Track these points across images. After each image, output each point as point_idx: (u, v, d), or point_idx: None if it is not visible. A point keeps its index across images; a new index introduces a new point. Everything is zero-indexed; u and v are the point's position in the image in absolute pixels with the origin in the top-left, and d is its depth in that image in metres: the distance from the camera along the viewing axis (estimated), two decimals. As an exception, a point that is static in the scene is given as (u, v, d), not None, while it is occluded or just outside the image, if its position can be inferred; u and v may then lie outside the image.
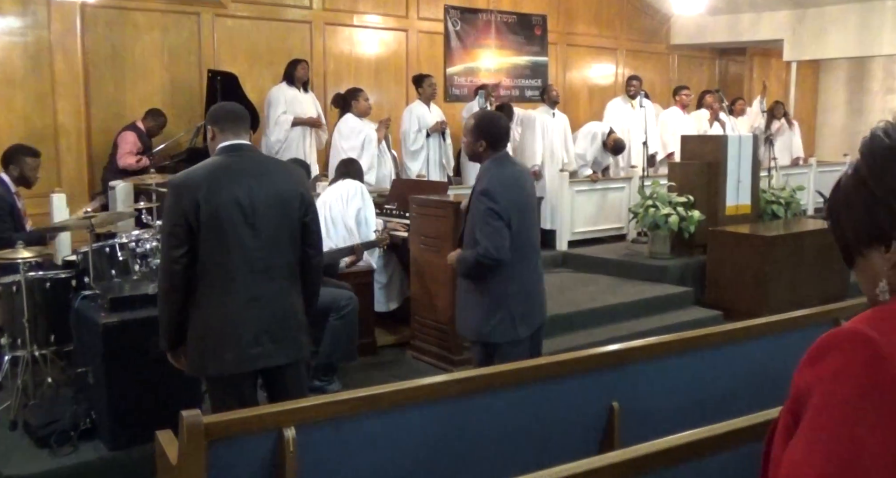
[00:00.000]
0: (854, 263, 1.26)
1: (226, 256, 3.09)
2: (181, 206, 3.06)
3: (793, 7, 11.46)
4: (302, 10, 9.13)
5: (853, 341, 1.13)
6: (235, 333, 3.11)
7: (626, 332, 6.10)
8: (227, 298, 3.11)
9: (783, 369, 1.15)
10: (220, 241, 3.08)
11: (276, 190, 3.19)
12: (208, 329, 3.13)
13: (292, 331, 3.24)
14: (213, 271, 3.10)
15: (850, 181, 1.25)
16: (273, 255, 3.17)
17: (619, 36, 12.20)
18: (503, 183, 3.74)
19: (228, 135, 3.26)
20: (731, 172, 7.75)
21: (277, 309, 3.19)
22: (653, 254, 7.80)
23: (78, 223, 4.72)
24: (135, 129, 7.51)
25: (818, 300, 4.99)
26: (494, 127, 3.87)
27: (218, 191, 3.08)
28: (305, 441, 2.38)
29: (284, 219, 3.21)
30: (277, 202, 3.18)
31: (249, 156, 3.27)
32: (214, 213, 3.06)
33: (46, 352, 4.50)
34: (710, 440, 2.15)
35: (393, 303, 6.27)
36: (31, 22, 7.44)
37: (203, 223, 3.05)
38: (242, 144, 3.26)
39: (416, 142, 8.45)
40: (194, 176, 3.14)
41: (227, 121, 3.29)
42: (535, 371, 2.85)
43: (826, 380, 1.11)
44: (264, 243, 3.14)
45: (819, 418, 1.10)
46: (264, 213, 3.14)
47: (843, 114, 14.35)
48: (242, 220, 3.10)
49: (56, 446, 3.87)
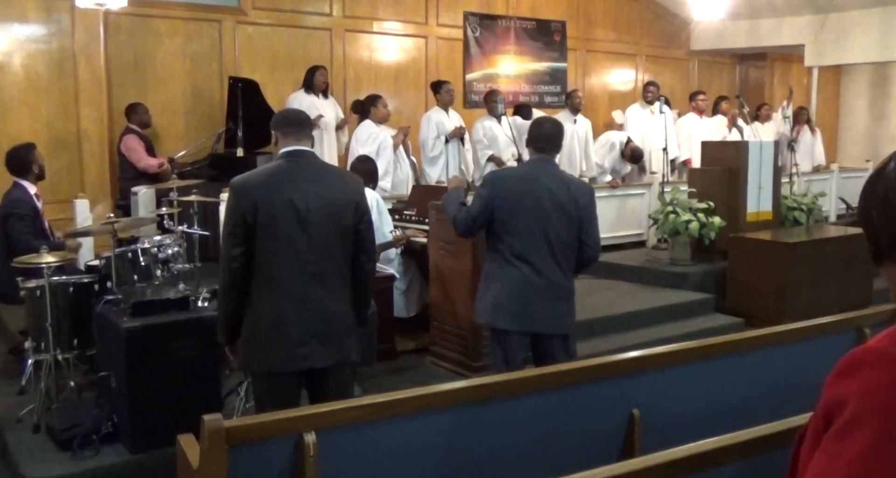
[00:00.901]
0: (882, 264, 1.23)
1: (278, 257, 3.19)
2: (240, 207, 3.18)
3: (814, 12, 11.39)
4: (322, 17, 9.19)
5: (879, 360, 1.12)
6: (283, 333, 3.20)
7: (646, 338, 6.07)
8: (278, 299, 3.20)
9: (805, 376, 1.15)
10: (273, 243, 3.18)
11: (331, 197, 3.28)
12: (258, 326, 3.22)
13: (339, 334, 3.31)
14: (265, 272, 3.21)
15: (892, 183, 1.20)
16: (324, 259, 3.25)
17: (639, 41, 12.17)
18: (506, 176, 4.13)
19: (290, 140, 3.36)
20: (752, 178, 7.69)
21: (326, 312, 3.26)
22: (673, 260, 7.76)
23: (101, 229, 4.77)
24: (132, 131, 7.56)
25: (840, 308, 4.95)
26: (534, 127, 4.18)
27: (275, 194, 3.18)
28: (325, 446, 2.39)
29: (337, 225, 3.29)
30: (331, 209, 3.27)
31: (308, 162, 3.36)
32: (270, 215, 3.16)
33: (69, 356, 4.53)
34: (731, 448, 2.14)
35: (412, 309, 6.28)
36: (55, 30, 7.54)
37: (259, 224, 3.16)
38: (303, 150, 3.36)
39: (435, 148, 8.46)
40: (254, 178, 3.26)
41: (290, 126, 3.40)
42: (556, 378, 2.84)
43: (854, 396, 1.10)
44: (316, 248, 3.23)
45: (840, 437, 1.10)
46: (317, 218, 3.23)
47: (865, 119, 14.22)
48: (296, 223, 3.19)
49: (78, 450, 3.90)
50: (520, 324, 3.97)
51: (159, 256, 4.70)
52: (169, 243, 4.80)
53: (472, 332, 5.33)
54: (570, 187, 4.03)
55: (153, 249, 4.68)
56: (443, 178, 8.42)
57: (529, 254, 3.92)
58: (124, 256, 4.58)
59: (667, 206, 7.59)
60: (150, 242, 4.74)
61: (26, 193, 5.32)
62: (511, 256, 3.95)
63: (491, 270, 4.03)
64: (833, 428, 1.11)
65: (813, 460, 1.13)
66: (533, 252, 3.92)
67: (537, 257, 3.93)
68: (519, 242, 3.93)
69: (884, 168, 1.23)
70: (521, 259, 3.93)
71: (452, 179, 4.67)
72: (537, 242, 3.92)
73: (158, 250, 4.70)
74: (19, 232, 5.12)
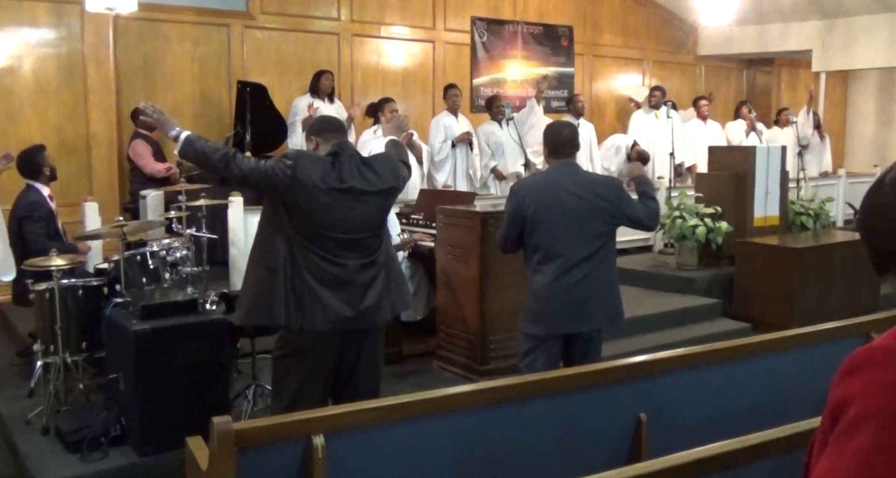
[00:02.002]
0: (886, 273, 1.24)
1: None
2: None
3: (821, 17, 11.38)
4: (330, 21, 9.22)
5: (882, 360, 1.13)
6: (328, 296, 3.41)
7: (653, 343, 6.06)
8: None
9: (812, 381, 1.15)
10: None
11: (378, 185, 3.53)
12: (303, 287, 3.39)
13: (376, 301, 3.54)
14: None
15: (892, 193, 1.21)
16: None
17: (646, 46, 12.18)
18: (532, 184, 4.05)
19: (332, 140, 3.56)
20: (760, 183, 7.69)
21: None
22: (680, 265, 7.76)
23: (110, 232, 4.79)
24: (140, 135, 7.58)
25: (847, 313, 4.93)
26: (551, 135, 4.13)
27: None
28: (334, 449, 2.40)
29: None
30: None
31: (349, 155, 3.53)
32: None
33: (78, 358, 4.55)
34: (738, 452, 2.15)
35: (419, 313, 6.28)
36: (65, 34, 7.58)
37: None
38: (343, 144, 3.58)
39: (442, 152, 8.48)
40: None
41: (328, 131, 3.60)
42: (563, 382, 2.85)
43: (859, 395, 1.11)
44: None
45: (847, 435, 1.10)
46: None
47: (873, 125, 14.19)
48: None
49: (87, 452, 3.91)
50: (548, 327, 3.98)
51: (168, 259, 4.72)
52: (177, 246, 4.82)
53: (479, 336, 5.33)
54: (596, 186, 4.03)
55: (162, 253, 4.70)
56: (450, 182, 8.44)
57: (558, 258, 3.91)
58: (133, 260, 4.61)
59: (674, 210, 7.59)
60: (158, 246, 4.76)
61: (40, 195, 5.35)
62: (540, 263, 3.94)
63: (529, 278, 4.03)
64: (839, 427, 1.12)
65: (821, 459, 1.14)
66: (562, 256, 3.91)
67: (566, 261, 3.93)
68: (548, 247, 3.91)
69: (882, 180, 1.24)
70: (551, 264, 3.92)
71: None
72: (566, 246, 3.91)
73: (167, 253, 4.73)
74: (35, 235, 5.15)
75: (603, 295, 4.04)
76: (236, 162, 3.37)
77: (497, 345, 5.33)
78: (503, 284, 5.24)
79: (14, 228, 5.27)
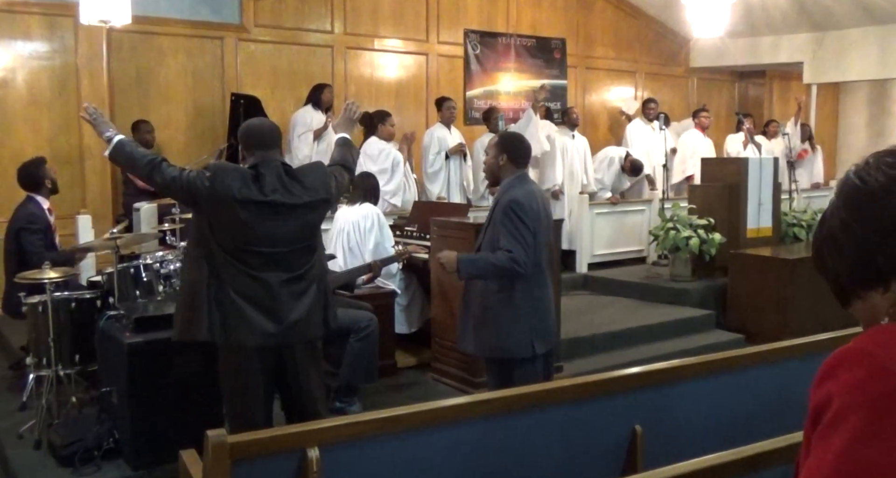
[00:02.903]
0: (850, 304, 1.25)
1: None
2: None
3: (812, 30, 11.46)
4: (324, 34, 9.25)
5: (858, 358, 1.15)
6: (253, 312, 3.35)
7: (646, 355, 6.07)
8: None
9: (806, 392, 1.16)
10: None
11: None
12: (228, 301, 3.35)
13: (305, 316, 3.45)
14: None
15: (834, 222, 1.23)
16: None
17: (639, 59, 12.23)
18: (528, 196, 3.83)
19: (258, 152, 3.46)
20: (753, 195, 7.73)
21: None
22: (673, 276, 7.78)
23: (103, 244, 4.79)
24: None
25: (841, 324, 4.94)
26: (516, 141, 4.00)
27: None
28: (329, 461, 2.40)
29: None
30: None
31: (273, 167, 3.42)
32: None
33: (71, 372, 4.54)
34: (733, 464, 2.15)
35: (413, 325, 6.28)
36: (58, 46, 7.59)
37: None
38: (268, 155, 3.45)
39: (435, 164, 8.50)
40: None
41: (255, 145, 3.50)
42: (557, 394, 2.85)
43: (837, 394, 1.13)
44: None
45: (828, 433, 1.12)
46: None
47: (865, 136, 14.26)
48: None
49: (80, 466, 3.90)
50: (549, 343, 3.95)
51: (161, 271, 4.72)
52: (171, 259, 4.82)
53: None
54: (546, 196, 4.07)
55: (155, 265, 4.70)
56: (443, 193, 8.45)
57: (547, 272, 3.93)
58: (126, 272, 4.60)
59: (667, 222, 7.61)
60: (152, 258, 4.76)
61: (39, 207, 5.37)
62: (539, 277, 3.86)
63: (518, 299, 3.83)
64: (820, 427, 1.14)
65: (806, 461, 1.16)
66: (548, 269, 3.94)
67: (549, 274, 3.95)
68: (542, 261, 3.87)
69: (824, 216, 1.28)
70: (544, 278, 3.91)
71: (445, 256, 4.03)
72: (547, 259, 3.94)
73: (160, 266, 4.73)
74: (35, 245, 5.16)
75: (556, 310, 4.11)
76: (160, 170, 3.36)
77: (491, 357, 5.32)
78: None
79: (10, 240, 5.26)
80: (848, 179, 1.23)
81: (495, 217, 3.85)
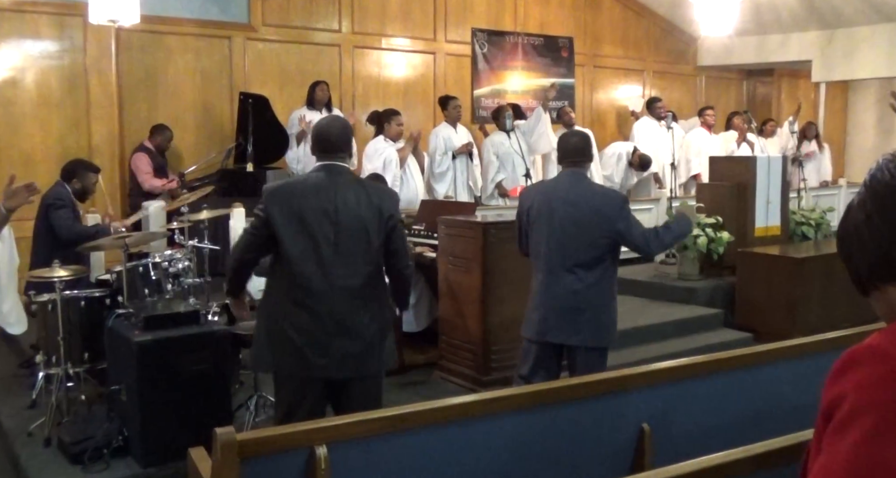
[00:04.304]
0: (869, 294, 1.24)
1: (302, 267, 3.28)
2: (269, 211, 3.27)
3: (821, 27, 11.42)
4: (331, 33, 9.26)
5: (873, 357, 1.14)
6: (301, 342, 3.24)
7: (654, 353, 6.05)
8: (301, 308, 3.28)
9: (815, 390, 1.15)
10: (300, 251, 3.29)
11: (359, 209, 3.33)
12: (276, 331, 3.29)
13: (362, 349, 3.34)
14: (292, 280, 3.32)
15: (860, 215, 1.21)
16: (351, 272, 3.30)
17: (646, 57, 12.21)
18: (535, 191, 4.29)
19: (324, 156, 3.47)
20: (761, 194, 7.70)
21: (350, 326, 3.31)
22: (681, 275, 7.76)
23: (112, 243, 4.80)
24: (144, 149, 7.60)
25: (850, 322, 4.93)
26: (560, 142, 4.35)
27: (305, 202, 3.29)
28: (337, 459, 2.40)
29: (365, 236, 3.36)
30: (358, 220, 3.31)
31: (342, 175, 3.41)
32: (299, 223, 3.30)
33: (80, 370, 4.55)
34: (741, 462, 2.15)
35: (421, 323, 6.28)
36: (67, 46, 7.62)
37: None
38: (335, 164, 3.42)
39: (442, 164, 8.48)
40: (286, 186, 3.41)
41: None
42: (565, 392, 2.85)
43: (849, 394, 1.12)
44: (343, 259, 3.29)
45: (841, 431, 1.11)
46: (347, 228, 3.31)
47: (873, 134, 14.21)
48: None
49: (89, 464, 3.91)
50: (537, 334, 4.07)
51: (170, 270, 4.74)
52: (179, 258, 4.83)
53: (481, 346, 5.34)
54: (595, 198, 4.04)
55: (164, 264, 4.72)
56: (450, 193, 8.44)
57: (545, 265, 4.02)
58: (135, 271, 4.62)
59: (675, 221, 7.58)
60: (160, 257, 4.77)
61: (66, 191, 5.46)
62: (534, 268, 4.14)
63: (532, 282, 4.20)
64: (831, 425, 1.13)
65: (817, 459, 1.15)
66: (548, 263, 3.99)
67: (552, 269, 3.97)
68: (536, 252, 4.09)
69: (851, 204, 1.26)
70: (540, 269, 4.08)
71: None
72: (554, 253, 3.98)
73: (169, 265, 4.74)
74: (63, 219, 5.28)
75: (593, 309, 4.01)
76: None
77: (499, 355, 5.33)
78: (505, 294, 5.25)
79: (41, 219, 5.35)
80: (878, 171, 1.21)
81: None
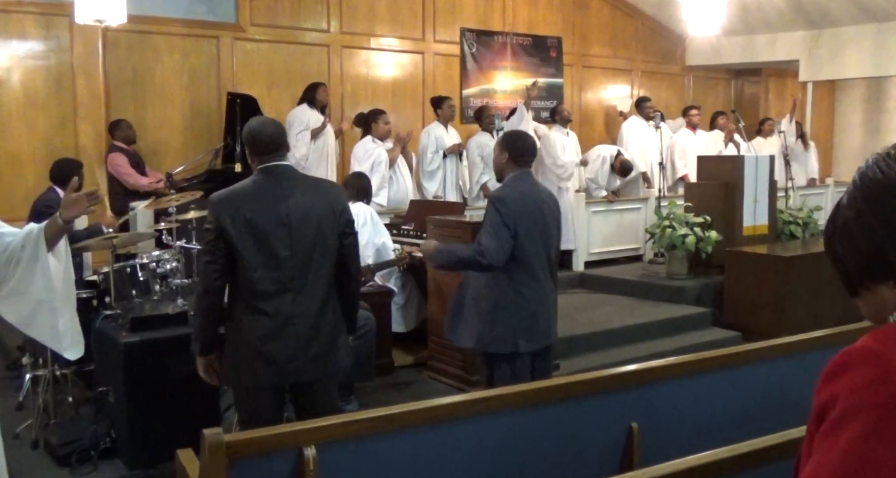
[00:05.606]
0: (858, 294, 1.24)
1: (260, 273, 3.15)
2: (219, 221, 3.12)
3: (808, 27, 11.47)
4: (320, 33, 9.24)
5: (865, 359, 1.13)
6: (271, 349, 3.15)
7: (643, 352, 6.08)
8: (263, 314, 3.16)
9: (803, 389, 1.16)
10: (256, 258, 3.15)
11: (310, 209, 3.22)
12: (242, 343, 3.17)
13: (326, 348, 3.27)
14: (249, 287, 3.19)
15: (850, 213, 1.21)
16: (307, 272, 3.20)
17: (635, 57, 12.24)
18: (516, 195, 3.85)
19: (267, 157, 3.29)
20: (749, 193, 7.74)
21: (313, 326, 3.23)
22: (670, 274, 7.78)
23: (99, 244, 4.78)
24: (117, 149, 7.51)
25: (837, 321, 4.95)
26: (518, 140, 3.99)
27: (256, 208, 3.14)
28: (326, 460, 2.39)
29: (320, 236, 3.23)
30: (313, 220, 3.21)
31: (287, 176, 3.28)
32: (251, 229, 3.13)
33: (67, 371, 4.54)
34: (730, 461, 2.15)
35: (410, 324, 6.28)
36: (54, 45, 7.58)
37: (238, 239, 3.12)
38: (277, 165, 3.28)
39: (433, 162, 8.49)
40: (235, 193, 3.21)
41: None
42: (554, 392, 2.85)
43: (842, 396, 1.12)
44: (299, 260, 3.18)
45: (834, 432, 1.11)
46: (300, 230, 3.18)
47: (860, 134, 14.29)
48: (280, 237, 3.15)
49: (76, 466, 3.90)
50: (537, 342, 3.94)
51: (158, 271, 4.71)
52: (167, 258, 4.81)
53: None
54: (551, 198, 4.07)
55: (151, 265, 4.70)
56: (440, 192, 8.44)
57: (539, 271, 3.92)
58: (123, 272, 4.60)
59: (663, 220, 7.62)
60: (148, 258, 4.75)
61: (58, 197, 5.40)
62: (525, 276, 3.86)
63: (501, 295, 3.86)
64: (824, 427, 1.13)
65: (809, 461, 1.15)
66: (541, 269, 3.93)
67: (543, 274, 3.95)
68: (531, 260, 3.86)
69: (840, 202, 1.25)
70: (534, 278, 3.89)
71: (425, 245, 4.23)
72: (542, 259, 3.94)
73: (157, 265, 4.72)
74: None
75: (553, 310, 4.07)
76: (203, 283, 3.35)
77: (488, 355, 5.32)
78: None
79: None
80: (868, 169, 1.21)
81: (486, 211, 3.92)
